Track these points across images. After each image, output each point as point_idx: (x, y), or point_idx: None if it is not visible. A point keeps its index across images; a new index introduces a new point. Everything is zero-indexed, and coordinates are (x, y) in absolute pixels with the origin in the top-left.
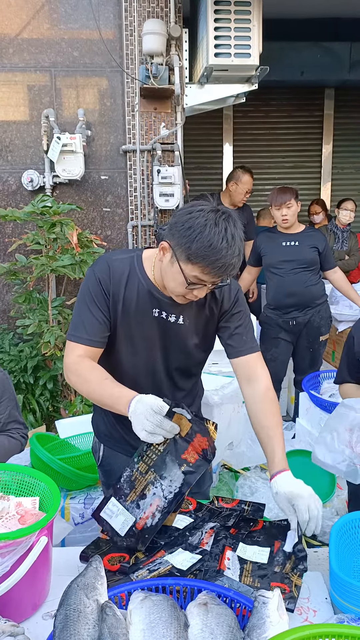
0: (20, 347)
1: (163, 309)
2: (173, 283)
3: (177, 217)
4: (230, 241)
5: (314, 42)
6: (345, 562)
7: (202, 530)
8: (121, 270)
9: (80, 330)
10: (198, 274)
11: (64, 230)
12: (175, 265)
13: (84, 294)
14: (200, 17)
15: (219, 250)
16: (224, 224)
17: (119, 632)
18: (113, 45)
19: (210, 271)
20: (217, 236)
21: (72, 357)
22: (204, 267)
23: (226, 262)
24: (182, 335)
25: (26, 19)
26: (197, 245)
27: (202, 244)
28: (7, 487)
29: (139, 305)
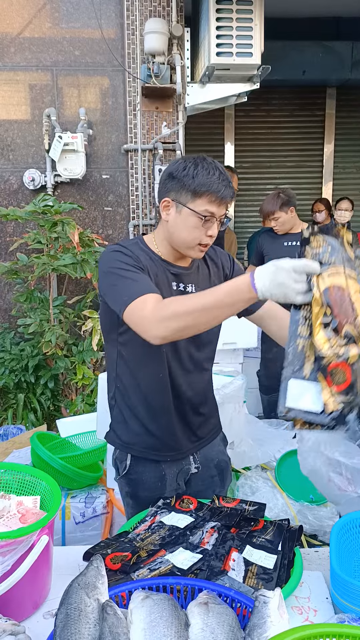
0: (22, 346)
1: (180, 280)
2: (186, 231)
3: (167, 171)
4: (220, 169)
5: (315, 41)
6: (346, 561)
7: (203, 529)
8: (136, 250)
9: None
10: (207, 206)
11: (65, 229)
12: (183, 211)
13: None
14: (202, 16)
15: (217, 176)
16: (209, 160)
17: (120, 632)
18: (115, 44)
19: (216, 198)
20: (209, 167)
21: (151, 305)
22: (210, 194)
23: (225, 186)
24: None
25: (28, 18)
26: (198, 179)
27: (203, 175)
28: (8, 486)
29: (160, 279)
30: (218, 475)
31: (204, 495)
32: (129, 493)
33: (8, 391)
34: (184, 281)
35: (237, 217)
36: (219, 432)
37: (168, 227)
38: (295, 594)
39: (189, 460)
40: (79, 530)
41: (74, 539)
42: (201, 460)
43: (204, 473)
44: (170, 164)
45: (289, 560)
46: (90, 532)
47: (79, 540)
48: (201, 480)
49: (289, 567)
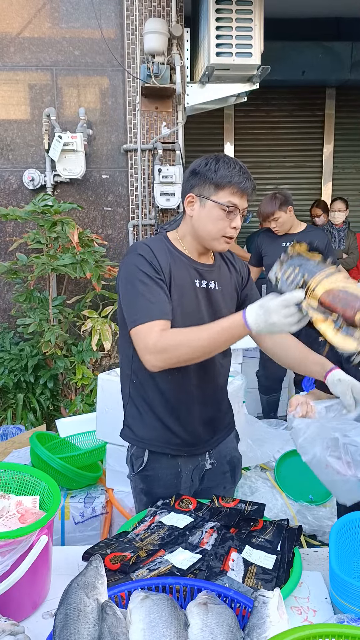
0: (21, 346)
1: (203, 277)
2: (211, 224)
3: (190, 168)
4: (240, 164)
5: (315, 41)
6: (345, 562)
7: (202, 529)
8: (161, 247)
9: (150, 311)
10: (230, 197)
11: (64, 229)
12: (207, 204)
13: (138, 276)
14: (201, 16)
15: (238, 170)
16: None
17: (119, 632)
18: (114, 44)
19: (238, 189)
20: (230, 161)
21: (154, 335)
22: (233, 186)
23: (246, 177)
24: (220, 300)
25: (27, 18)
26: (221, 172)
27: (224, 169)
28: (7, 486)
29: (183, 277)
30: (230, 472)
31: (214, 491)
32: (143, 490)
33: (7, 391)
34: (207, 278)
35: None
36: (233, 428)
37: (193, 222)
38: (295, 594)
39: (205, 457)
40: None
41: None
42: (216, 457)
43: (217, 469)
44: (193, 163)
45: (288, 561)
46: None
47: (78, 540)
48: (214, 477)
49: (288, 567)
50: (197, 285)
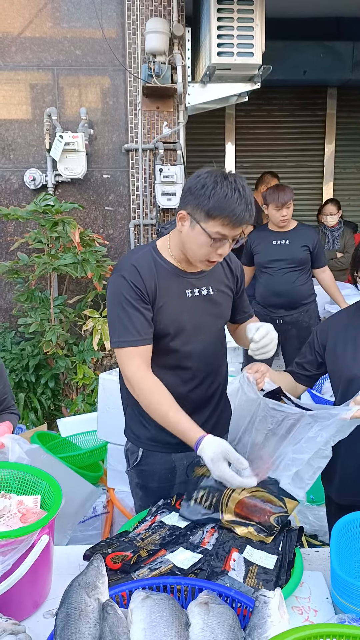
0: (22, 345)
1: (194, 286)
2: (196, 246)
3: (188, 184)
4: (242, 191)
5: (316, 41)
6: (347, 562)
7: (203, 529)
8: (147, 264)
9: (129, 334)
10: (219, 228)
11: (66, 229)
12: (196, 227)
13: (120, 300)
14: (203, 16)
15: (234, 200)
16: (232, 178)
17: (120, 631)
18: (115, 44)
19: (230, 222)
20: (229, 188)
21: (132, 368)
22: (223, 218)
23: (242, 209)
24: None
25: (29, 18)
26: (214, 200)
27: (219, 197)
28: (8, 486)
29: (173, 291)
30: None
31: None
32: (139, 484)
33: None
34: (198, 285)
35: None
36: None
37: (181, 237)
38: (296, 594)
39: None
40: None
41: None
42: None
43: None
44: (192, 177)
45: (289, 561)
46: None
47: (80, 539)
48: None
49: (289, 568)
50: (189, 296)
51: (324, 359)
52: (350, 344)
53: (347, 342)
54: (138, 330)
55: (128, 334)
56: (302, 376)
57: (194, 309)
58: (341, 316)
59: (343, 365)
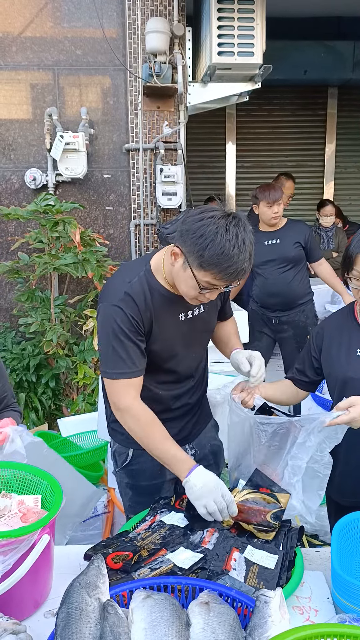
0: (23, 345)
1: (187, 309)
2: (185, 287)
3: (188, 224)
4: (241, 247)
5: (317, 41)
6: (347, 561)
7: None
8: (142, 291)
9: (125, 366)
10: (210, 280)
11: (66, 228)
12: (187, 270)
13: (115, 330)
14: (203, 15)
15: (230, 257)
16: (235, 229)
17: (121, 631)
18: (116, 44)
19: (223, 277)
20: (228, 243)
21: (128, 400)
22: (216, 273)
23: (238, 267)
24: (207, 320)
25: (29, 17)
26: (209, 253)
27: (215, 252)
28: (9, 485)
29: (168, 315)
30: (213, 460)
31: None
32: (129, 484)
33: None
34: (191, 308)
35: None
36: (210, 417)
37: (172, 271)
38: (297, 594)
39: (186, 448)
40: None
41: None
42: (197, 446)
43: (200, 459)
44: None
45: (290, 560)
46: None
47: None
48: None
49: (290, 567)
50: (182, 319)
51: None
52: (344, 346)
53: (341, 344)
54: (134, 362)
55: (124, 365)
56: (303, 382)
57: (186, 332)
58: (335, 318)
59: (338, 368)
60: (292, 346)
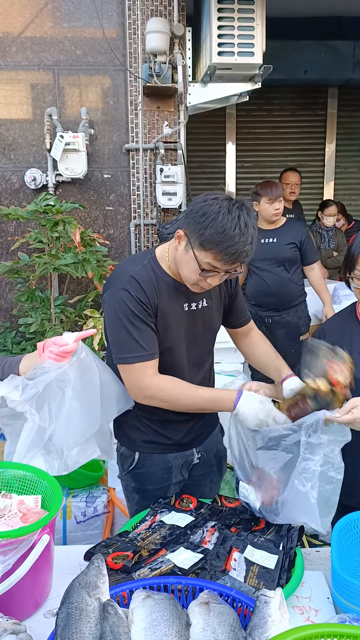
0: (23, 345)
1: (191, 300)
2: (187, 270)
3: (192, 205)
4: (243, 228)
5: (317, 40)
6: (347, 561)
7: (203, 528)
8: (148, 277)
9: (138, 349)
10: (211, 260)
11: (66, 228)
12: (189, 252)
13: (127, 313)
14: (203, 15)
15: (231, 237)
16: (237, 211)
17: (121, 631)
18: (116, 44)
19: (223, 257)
20: (230, 223)
21: (148, 380)
22: (216, 253)
23: (239, 248)
24: (210, 316)
25: (29, 18)
26: (210, 232)
27: (216, 230)
28: (9, 485)
29: (172, 304)
30: (216, 465)
31: (202, 484)
32: (135, 488)
33: None
34: (195, 299)
35: None
36: (217, 422)
37: (176, 256)
38: (297, 594)
39: (193, 452)
40: (80, 529)
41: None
42: (203, 450)
43: (204, 463)
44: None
45: (290, 560)
46: (91, 532)
47: (80, 539)
48: (201, 470)
49: (290, 567)
50: (186, 309)
51: None
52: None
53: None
54: (150, 344)
55: (140, 349)
56: None
57: (189, 323)
58: (336, 320)
59: None
60: (285, 346)
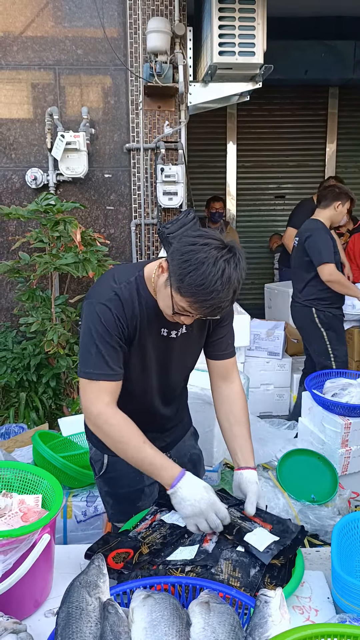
0: (24, 344)
1: (171, 327)
2: (163, 304)
3: (181, 242)
4: (225, 284)
5: (318, 40)
6: (348, 561)
7: None
8: (131, 296)
9: (104, 367)
10: (186, 306)
11: (67, 228)
12: (167, 288)
13: (100, 330)
14: (204, 15)
15: (209, 292)
16: (224, 264)
17: (121, 630)
18: (117, 44)
19: (199, 308)
20: (211, 277)
21: (100, 406)
22: (192, 303)
23: (214, 304)
24: (187, 344)
25: (30, 17)
26: (189, 281)
27: (194, 282)
28: (10, 485)
29: (150, 326)
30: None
31: None
32: (108, 492)
33: (10, 390)
34: (175, 327)
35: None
36: (188, 428)
37: (157, 282)
38: (297, 594)
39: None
40: (81, 529)
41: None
42: (175, 455)
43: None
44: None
45: (290, 560)
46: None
47: (81, 539)
48: None
49: (290, 567)
50: (164, 334)
51: None
52: None
53: None
54: (115, 364)
55: (105, 367)
56: None
57: (165, 349)
58: None
59: None
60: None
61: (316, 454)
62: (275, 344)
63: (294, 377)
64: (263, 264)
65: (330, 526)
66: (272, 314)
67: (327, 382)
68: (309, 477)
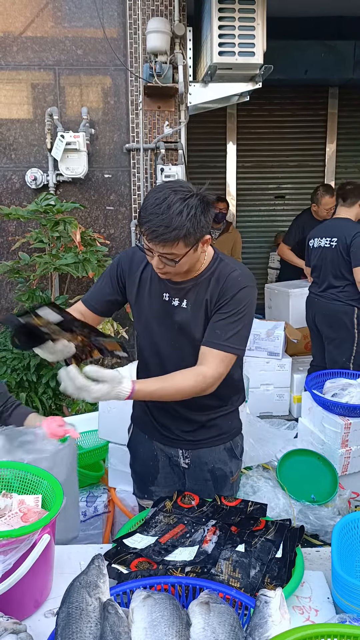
0: None
1: (170, 293)
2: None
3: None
4: (163, 209)
5: (318, 40)
6: (348, 561)
7: (204, 527)
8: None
9: (87, 293)
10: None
11: (67, 228)
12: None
13: (111, 266)
14: (204, 15)
15: (148, 214)
16: (172, 195)
17: (121, 631)
18: (117, 44)
19: (144, 233)
20: (152, 200)
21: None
22: (141, 228)
23: (150, 226)
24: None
25: (30, 17)
26: (141, 208)
27: (143, 206)
28: (9, 485)
29: (152, 289)
30: (212, 481)
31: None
32: (131, 464)
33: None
34: (174, 295)
35: (239, 216)
36: (224, 441)
37: None
38: (297, 594)
39: (178, 453)
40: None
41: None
42: (192, 459)
43: (196, 473)
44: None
45: (290, 560)
46: (92, 531)
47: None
48: (195, 480)
49: (290, 567)
50: (166, 299)
51: None
52: None
53: None
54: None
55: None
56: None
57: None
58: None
59: None
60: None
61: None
62: (275, 344)
63: (294, 377)
64: (263, 264)
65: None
66: (272, 314)
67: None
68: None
